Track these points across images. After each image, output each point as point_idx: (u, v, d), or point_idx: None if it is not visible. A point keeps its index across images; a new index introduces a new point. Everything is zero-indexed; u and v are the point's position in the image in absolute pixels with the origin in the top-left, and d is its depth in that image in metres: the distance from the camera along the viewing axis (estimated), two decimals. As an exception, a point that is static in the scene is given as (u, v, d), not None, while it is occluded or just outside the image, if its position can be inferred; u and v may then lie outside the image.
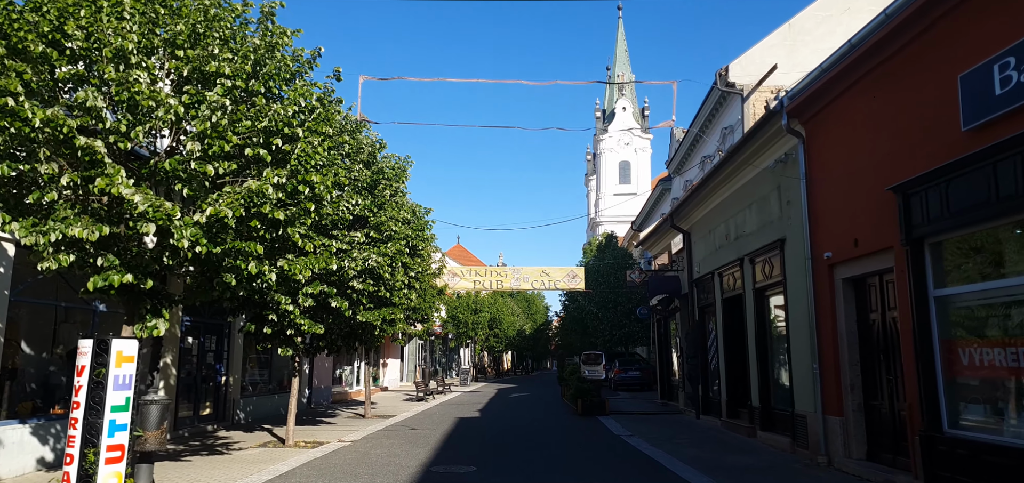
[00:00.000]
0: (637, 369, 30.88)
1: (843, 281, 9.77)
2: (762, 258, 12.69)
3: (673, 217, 18.16)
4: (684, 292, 18.53)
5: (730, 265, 14.47)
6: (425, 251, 14.10)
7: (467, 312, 40.32)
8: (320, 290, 11.28)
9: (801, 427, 10.78)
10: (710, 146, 27.87)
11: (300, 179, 7.21)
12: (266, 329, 11.53)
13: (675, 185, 35.57)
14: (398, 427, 15.42)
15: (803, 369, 10.84)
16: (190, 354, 14.13)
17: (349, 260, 11.47)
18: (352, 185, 12.30)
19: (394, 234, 12.33)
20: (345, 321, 12.34)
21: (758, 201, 12.78)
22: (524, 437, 13.61)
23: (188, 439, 12.83)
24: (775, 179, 11.83)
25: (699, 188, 15.70)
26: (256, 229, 7.20)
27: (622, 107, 76.97)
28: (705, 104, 27.38)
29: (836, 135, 9.86)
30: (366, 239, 12.12)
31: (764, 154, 12.05)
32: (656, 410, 19.45)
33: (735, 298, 14.53)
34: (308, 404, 20.20)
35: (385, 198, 12.37)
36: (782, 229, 11.65)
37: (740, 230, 13.87)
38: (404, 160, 13.45)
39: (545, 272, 23.41)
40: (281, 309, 10.99)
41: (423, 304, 18.02)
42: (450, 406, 21.64)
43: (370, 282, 11.65)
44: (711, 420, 15.84)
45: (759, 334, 12.97)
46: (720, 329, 15.34)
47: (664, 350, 21.74)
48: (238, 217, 6.67)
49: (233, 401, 15.38)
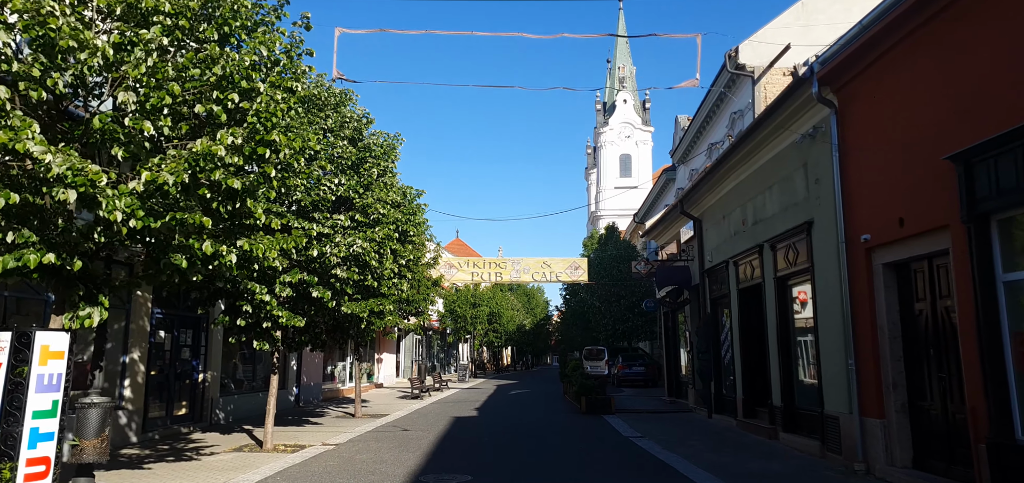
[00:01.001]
0: (641, 364, 29.83)
1: (883, 266, 8.68)
2: (785, 244, 11.60)
3: (683, 203, 17.06)
4: (694, 283, 17.45)
5: (747, 253, 13.38)
6: (417, 238, 13.01)
7: (465, 306, 39.24)
8: (299, 278, 10.22)
9: (832, 429, 9.70)
10: (718, 132, 26.74)
11: (259, 139, 6.10)
12: (240, 321, 10.45)
13: (680, 175, 34.45)
14: (389, 428, 14.34)
15: (834, 365, 9.76)
16: (162, 349, 13.05)
17: (331, 246, 10.37)
18: (335, 164, 11.21)
19: (382, 218, 11.23)
20: (328, 313, 11.26)
21: (780, 181, 11.68)
22: (524, 439, 12.53)
23: (157, 442, 11.75)
24: (801, 156, 10.73)
25: (713, 170, 14.60)
26: (207, 200, 6.10)
27: (623, 100, 75.88)
28: (713, 88, 26.22)
29: (875, 102, 8.76)
30: (351, 223, 11.02)
31: (789, 128, 10.95)
32: (664, 408, 18.38)
33: (752, 288, 13.44)
34: (296, 402, 19.13)
35: (372, 178, 11.27)
36: (809, 211, 10.56)
37: (759, 214, 12.77)
38: (393, 138, 12.35)
39: (546, 263, 22.32)
40: (256, 299, 9.93)
41: (416, 296, 16.93)
42: (446, 404, 20.58)
43: (355, 270, 10.56)
44: (725, 420, 14.77)
45: (781, 327, 11.88)
46: (735, 322, 14.25)
47: (672, 345, 20.68)
48: (182, 184, 5.58)
49: (211, 400, 14.30)
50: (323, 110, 11.29)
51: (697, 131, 29.63)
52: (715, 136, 27.22)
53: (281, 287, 10.17)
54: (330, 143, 11.01)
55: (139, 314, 11.70)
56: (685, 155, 32.39)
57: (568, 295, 44.34)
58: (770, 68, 22.22)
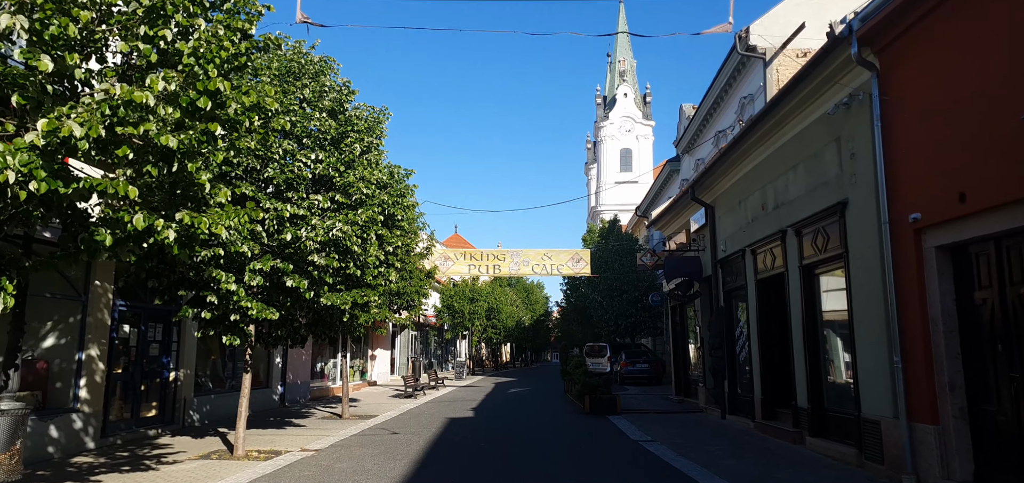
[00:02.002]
0: (645, 361, 28.73)
1: (937, 250, 7.55)
2: (812, 228, 10.48)
3: (694, 189, 15.93)
4: (706, 275, 16.33)
5: (767, 240, 12.26)
6: (407, 224, 11.87)
7: (463, 301, 38.09)
8: (271, 266, 9.08)
9: (871, 435, 8.59)
10: (726, 119, 25.61)
11: (200, 88, 4.95)
12: (205, 313, 9.31)
13: (684, 165, 33.33)
14: (377, 431, 13.22)
15: (873, 363, 8.64)
16: (127, 346, 11.91)
17: (307, 229, 9.23)
18: (313, 138, 10.06)
19: (365, 199, 10.08)
20: (306, 305, 10.12)
21: (807, 159, 10.55)
22: (524, 444, 11.42)
23: (117, 448, 10.62)
24: (833, 129, 9.60)
25: (728, 152, 13.46)
26: (135, 163, 4.97)
27: (623, 93, 74.85)
28: (721, 73, 25.10)
29: (927, 60, 7.63)
30: (331, 205, 9.88)
31: (819, 98, 9.82)
32: (673, 408, 17.28)
33: (773, 279, 12.33)
34: (281, 402, 18.01)
35: (354, 154, 10.13)
36: (842, 190, 9.43)
37: (781, 197, 11.65)
38: (380, 112, 11.20)
39: (547, 255, 21.17)
40: (221, 289, 8.79)
41: (408, 288, 15.81)
42: (441, 404, 19.46)
43: (335, 257, 9.42)
44: (741, 421, 13.66)
45: (808, 320, 10.77)
46: (753, 315, 13.14)
47: (680, 341, 19.56)
48: (97, 139, 4.44)
49: (184, 400, 13.17)
50: (300, 79, 10.14)
51: (703, 119, 28.52)
52: (723, 123, 26.09)
53: (251, 275, 9.04)
54: (307, 115, 9.86)
55: (97, 306, 10.56)
56: (690, 145, 31.27)
57: (568, 290, 43.26)
58: (783, 49, 21.09)
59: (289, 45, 10.60)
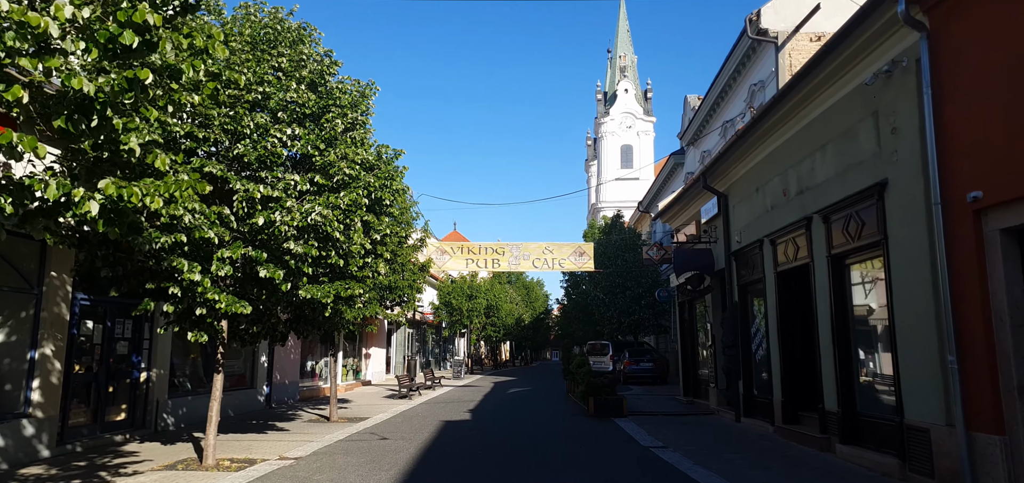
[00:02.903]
0: (649, 360, 27.71)
1: (1002, 233, 6.56)
2: (843, 214, 9.48)
3: (706, 177, 14.93)
4: (718, 268, 15.33)
5: (789, 229, 11.26)
6: (397, 211, 10.85)
7: (461, 298, 37.08)
8: (242, 254, 8.08)
9: (918, 445, 7.60)
10: (734, 107, 24.62)
11: (123, 17, 3.94)
12: (168, 307, 8.31)
13: (689, 158, 32.33)
14: (365, 435, 12.22)
15: (919, 362, 7.65)
16: (90, 343, 10.91)
17: (282, 212, 8.22)
18: (289, 112, 9.04)
19: (349, 181, 9.08)
20: (283, 298, 9.12)
21: (839, 138, 9.55)
22: (524, 450, 10.43)
23: (75, 457, 9.62)
24: (870, 101, 8.60)
25: (745, 134, 12.45)
26: (37, 112, 3.97)
27: (624, 89, 73.93)
28: (729, 60, 24.11)
29: (987, 17, 6.64)
30: (311, 187, 8.88)
31: (854, 67, 8.82)
32: (682, 410, 16.29)
33: (796, 270, 11.34)
34: (267, 404, 17.01)
35: (336, 132, 9.12)
36: (881, 169, 8.43)
37: (805, 182, 10.65)
38: (366, 86, 10.18)
39: (548, 249, 20.16)
40: (184, 279, 7.80)
41: (400, 282, 14.81)
42: (437, 405, 18.46)
43: (314, 244, 8.42)
44: (758, 425, 12.67)
45: (838, 315, 9.76)
46: (772, 311, 12.15)
47: (688, 339, 18.56)
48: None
49: (156, 403, 12.16)
50: (276, 47, 9.13)
51: (710, 110, 27.53)
52: (731, 112, 25.09)
53: (219, 264, 8.05)
54: (282, 85, 8.83)
55: (53, 299, 9.56)
56: (696, 136, 30.27)
57: (569, 287, 42.28)
58: (796, 32, 20.09)
59: (265, 10, 9.58)
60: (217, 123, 8.16)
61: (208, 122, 8.26)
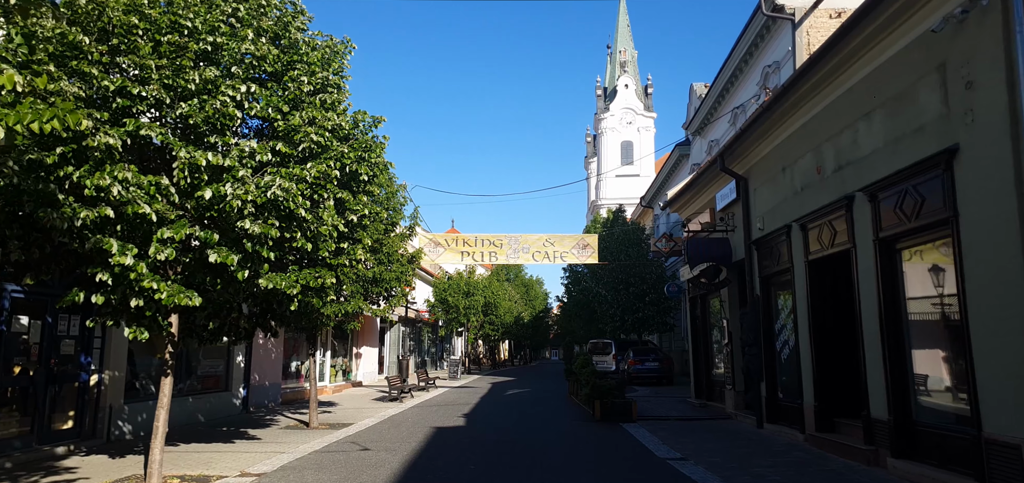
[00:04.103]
0: (655, 359, 26.38)
1: (1126, 200, 5.22)
2: (895, 190, 8.13)
3: (723, 158, 13.57)
4: (737, 259, 13.99)
5: (824, 212, 9.93)
6: (377, 190, 9.46)
7: (458, 295, 35.70)
8: (186, 234, 6.72)
9: (1006, 464, 6.25)
10: (746, 92, 23.26)
11: None
12: (97, 298, 6.95)
13: (695, 149, 30.99)
14: (345, 446, 10.86)
15: (1005, 365, 6.31)
16: (23, 341, 9.54)
17: (234, 184, 6.85)
18: (246, 68, 7.66)
19: (317, 150, 7.72)
20: (240, 287, 7.74)
21: (890, 102, 8.20)
22: (524, 465, 9.08)
23: (2, 474, 8.25)
24: (936, 53, 7.26)
25: (771, 107, 11.08)
26: None
27: (624, 84, 72.75)
28: (740, 41, 22.76)
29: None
30: (273, 157, 7.52)
31: (915, 14, 7.46)
32: (696, 414, 14.95)
33: (832, 259, 10.01)
34: (244, 407, 15.63)
35: (302, 92, 7.76)
36: (948, 134, 7.09)
37: (846, 156, 9.31)
38: (341, 43, 8.79)
39: (549, 241, 18.80)
40: (115, 264, 6.45)
41: (387, 274, 13.44)
42: (429, 409, 17.10)
43: (275, 223, 7.05)
44: (786, 432, 11.33)
45: (888, 309, 8.41)
46: (802, 305, 10.82)
47: (701, 337, 17.20)
48: None
49: (109, 409, 10.79)
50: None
51: (718, 97, 26.21)
52: (741, 97, 23.75)
53: (158, 247, 6.68)
54: (237, 35, 7.45)
55: (-25, 291, 8.19)
56: (703, 125, 28.92)
57: (570, 283, 40.95)
58: (815, 8, 18.77)
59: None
60: (155, 77, 6.79)
61: (146, 77, 6.90)
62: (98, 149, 6.33)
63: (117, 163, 6.59)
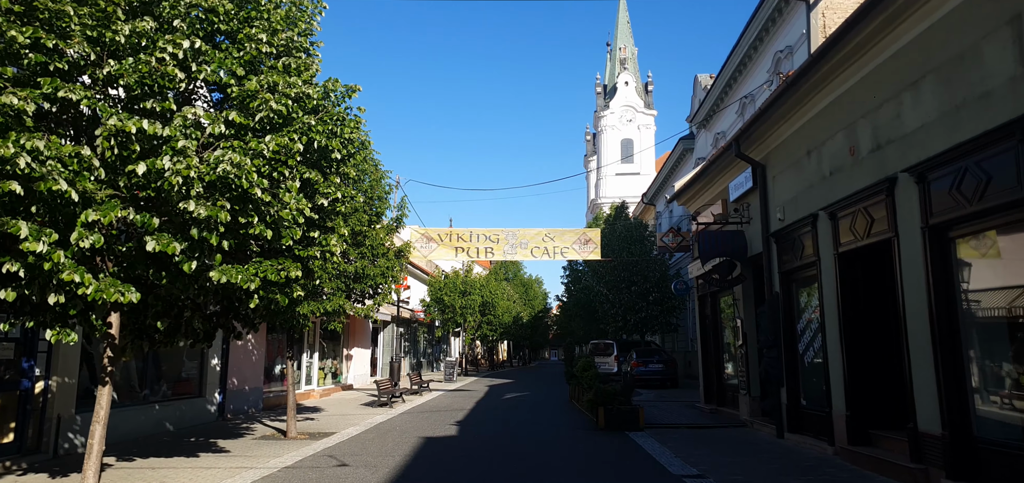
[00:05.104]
0: (659, 361, 25.28)
1: None
2: (951, 168, 7.02)
3: (738, 143, 12.45)
4: (754, 253, 12.88)
5: (858, 197, 8.82)
6: (353, 171, 8.31)
7: (454, 294, 34.54)
8: (118, 218, 5.59)
9: (1103, 493, 5.14)
10: (755, 80, 22.17)
11: None
12: (6, 294, 5.81)
13: (699, 142, 29.88)
14: (321, 460, 9.72)
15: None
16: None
17: (173, 158, 5.72)
18: (191, 23, 6.53)
19: (278, 121, 6.60)
20: (191, 282, 6.61)
21: (944, 65, 7.09)
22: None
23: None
24: (1007, 4, 6.15)
25: (797, 80, 9.95)
26: None
27: (624, 82, 71.69)
28: (749, 27, 21.66)
29: None
30: (227, 129, 6.39)
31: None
32: (708, 421, 13.83)
33: (867, 250, 8.91)
34: (220, 414, 14.48)
35: (259, 53, 6.64)
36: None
37: (887, 132, 8.20)
38: (309, 1, 7.63)
39: (549, 235, 17.66)
40: (27, 253, 5.33)
41: (371, 270, 12.30)
42: (420, 415, 15.96)
43: (225, 205, 5.93)
44: (811, 443, 10.22)
45: (939, 306, 7.30)
46: (831, 302, 9.71)
47: (711, 338, 16.08)
48: None
49: (57, 420, 9.64)
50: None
51: (724, 87, 25.13)
52: (750, 86, 22.65)
53: (82, 232, 5.54)
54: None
55: None
56: (708, 118, 27.83)
57: (570, 282, 39.84)
58: (832, -13, 17.66)
59: None
60: (77, 27, 5.66)
61: (67, 31, 5.77)
62: (2, 113, 5.21)
63: (31, 131, 5.48)
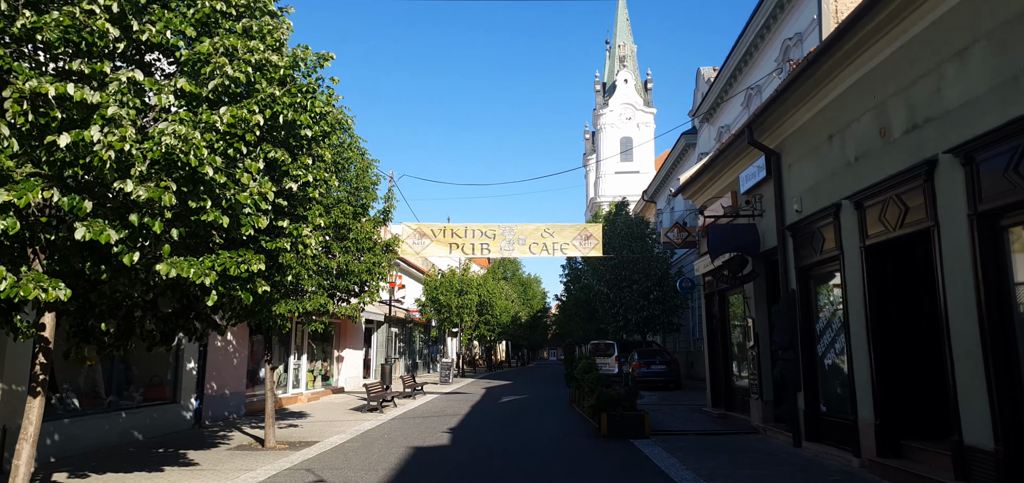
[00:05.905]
0: (661, 362, 24.42)
1: None
2: (1003, 149, 6.19)
3: (751, 129, 11.59)
4: (767, 248, 12.03)
5: (890, 184, 7.97)
6: (328, 151, 7.41)
7: (450, 293, 33.65)
8: (36, 199, 4.73)
9: None
10: (761, 69, 21.31)
11: None
12: (-94, 291, 4.92)
13: (702, 137, 29.04)
14: (296, 475, 8.84)
15: None
16: None
17: (103, 128, 4.85)
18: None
19: (235, 91, 5.74)
20: (131, 275, 5.74)
21: (998, 32, 6.25)
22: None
23: None
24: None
25: (819, 58, 9.09)
26: None
27: (623, 79, 70.93)
28: (755, 16, 20.81)
29: None
30: (176, 99, 5.53)
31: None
32: (717, 428, 12.98)
33: (900, 242, 8.07)
34: (196, 421, 13.58)
35: (213, 10, 5.77)
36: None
37: (925, 110, 7.35)
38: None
39: (548, 231, 16.80)
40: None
41: (355, 265, 11.43)
42: (411, 421, 15.09)
43: (170, 186, 5.07)
44: (833, 454, 9.37)
45: (991, 305, 6.45)
46: (856, 300, 8.86)
47: (718, 338, 15.22)
48: None
49: (3, 432, 8.75)
50: None
51: (728, 79, 24.29)
52: (756, 76, 21.80)
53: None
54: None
55: None
56: (711, 111, 26.98)
57: (569, 281, 38.98)
58: (844, -30, 16.80)
59: None
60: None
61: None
62: None
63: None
